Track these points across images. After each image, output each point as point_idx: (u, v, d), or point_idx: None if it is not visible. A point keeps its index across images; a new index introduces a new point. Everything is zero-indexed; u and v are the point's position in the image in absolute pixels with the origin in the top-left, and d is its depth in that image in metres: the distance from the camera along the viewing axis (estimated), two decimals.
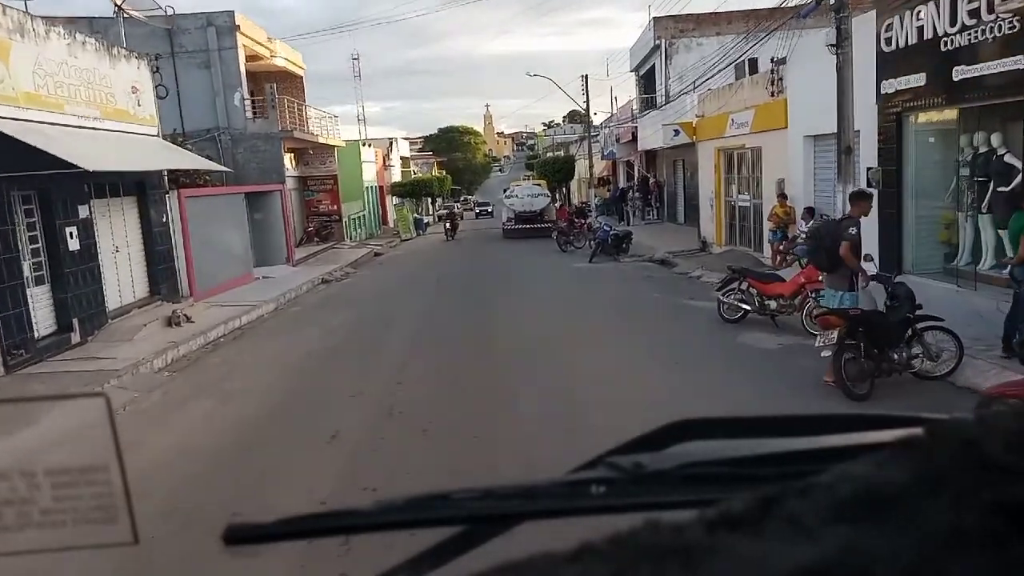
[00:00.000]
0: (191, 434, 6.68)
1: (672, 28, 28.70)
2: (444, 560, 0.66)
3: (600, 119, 42.03)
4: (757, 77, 16.58)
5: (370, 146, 38.97)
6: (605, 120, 41.42)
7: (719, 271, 14.05)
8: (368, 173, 35.39)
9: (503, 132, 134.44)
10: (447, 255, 24.50)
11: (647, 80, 32.14)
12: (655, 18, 28.93)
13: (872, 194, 7.56)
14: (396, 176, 45.83)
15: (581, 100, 33.26)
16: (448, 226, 30.85)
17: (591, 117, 35.61)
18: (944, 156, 10.63)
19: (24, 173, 9.81)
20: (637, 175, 33.15)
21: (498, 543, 0.65)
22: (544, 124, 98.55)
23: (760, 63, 17.19)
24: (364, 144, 37.71)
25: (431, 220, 40.70)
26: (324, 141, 27.54)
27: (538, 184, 31.03)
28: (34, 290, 10.46)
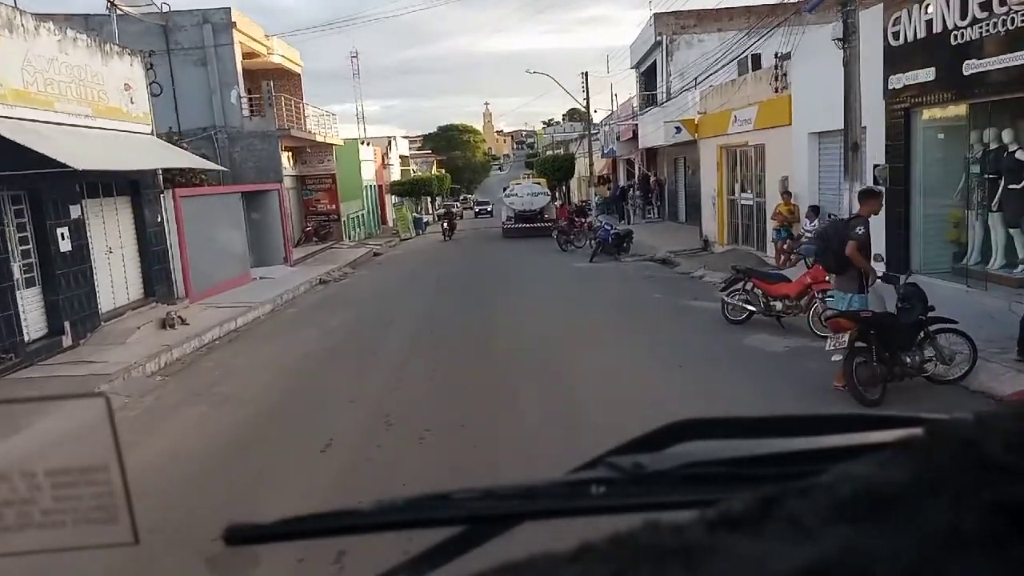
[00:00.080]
0: (180, 441, 6.47)
1: (673, 24, 28.56)
2: (444, 560, 0.67)
3: (600, 117, 41.83)
4: (760, 73, 16.35)
5: (369, 145, 38.78)
6: (605, 118, 41.19)
7: (722, 271, 13.84)
8: (367, 172, 35.18)
9: (502, 130, 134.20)
10: (446, 255, 24.30)
11: (648, 77, 31.93)
12: (656, 14, 28.75)
13: (881, 192, 7.33)
14: (395, 175, 45.64)
15: (581, 98, 33.05)
16: (446, 226, 30.37)
17: (591, 115, 35.39)
18: (953, 153, 10.40)
19: (13, 172, 9.60)
20: (638, 173, 32.92)
21: (498, 543, 0.65)
22: (544, 122, 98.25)
23: (763, 59, 16.97)
24: (363, 143, 37.52)
25: (431, 219, 40.42)
26: (322, 139, 27.35)
27: (538, 183, 30.79)
28: (24, 292, 10.25)
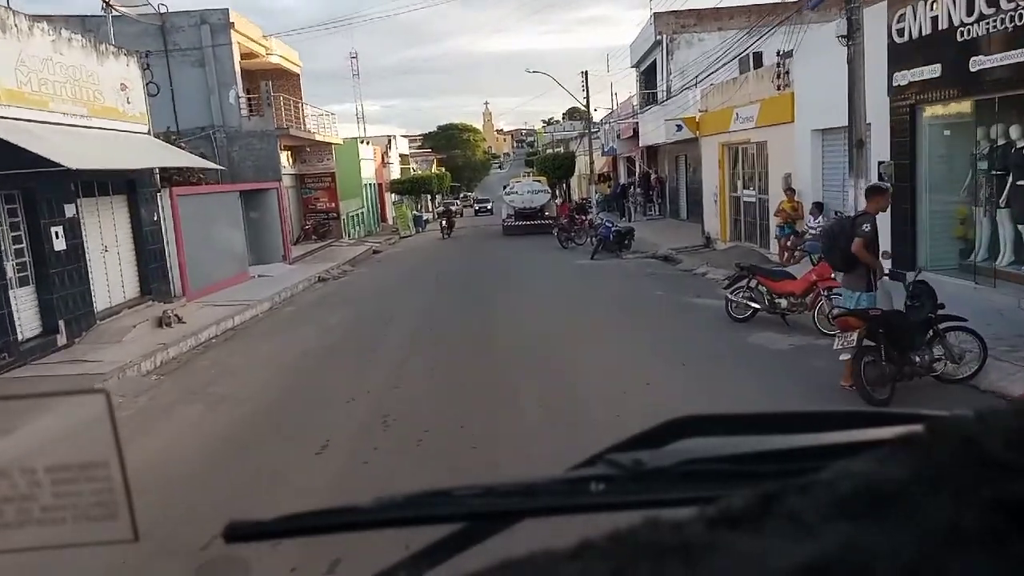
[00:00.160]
0: (174, 443, 6.34)
1: (673, 23, 28.46)
2: (444, 558, 0.66)
3: (600, 115, 41.70)
4: (762, 71, 16.22)
5: (368, 144, 38.65)
6: (606, 116, 41.07)
7: (724, 268, 13.71)
8: (366, 171, 35.06)
9: (502, 129, 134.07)
10: (446, 252, 24.17)
11: (648, 76, 31.82)
12: (656, 13, 28.65)
13: (889, 189, 7.19)
14: (395, 173, 45.54)
15: (581, 96, 32.89)
16: (444, 224, 30.05)
17: (591, 113, 35.24)
18: (959, 149, 10.26)
19: (7, 172, 9.49)
20: (638, 171, 32.80)
21: (498, 540, 0.65)
22: (543, 121, 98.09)
23: (765, 57, 16.84)
24: (362, 142, 37.39)
25: (430, 217, 40.28)
26: (321, 138, 27.24)
27: (538, 181, 30.65)
28: (18, 291, 10.14)
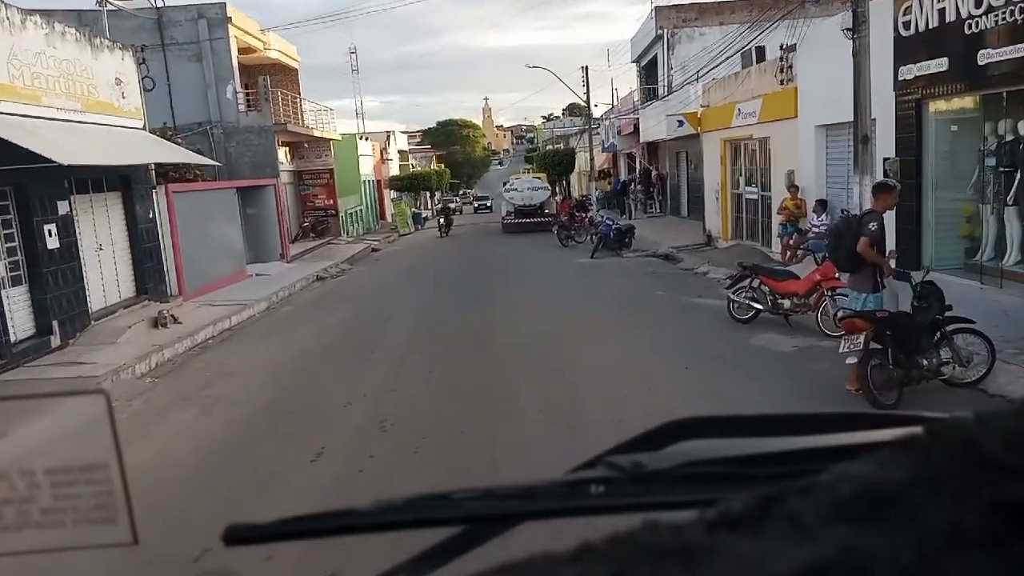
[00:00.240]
0: (165, 449, 6.19)
1: (674, 18, 28.29)
2: (443, 561, 0.66)
3: (600, 111, 41.48)
4: (765, 65, 16.03)
5: (367, 140, 38.45)
6: (606, 112, 40.87)
7: (726, 267, 13.56)
8: (365, 167, 34.87)
9: (502, 125, 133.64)
10: (445, 250, 24.01)
11: (648, 71, 31.64)
12: (657, 8, 28.47)
13: (897, 186, 7.02)
14: (394, 170, 45.34)
15: (581, 92, 32.71)
16: (442, 221, 29.44)
17: (591, 109, 35.05)
18: (966, 145, 10.09)
19: None
20: (639, 167, 32.62)
21: (498, 543, 0.64)
22: (543, 117, 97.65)
23: (768, 51, 16.66)
24: (361, 138, 37.19)
25: (430, 214, 40.07)
26: (319, 134, 27.06)
27: (538, 177, 30.47)
28: (10, 291, 9.98)
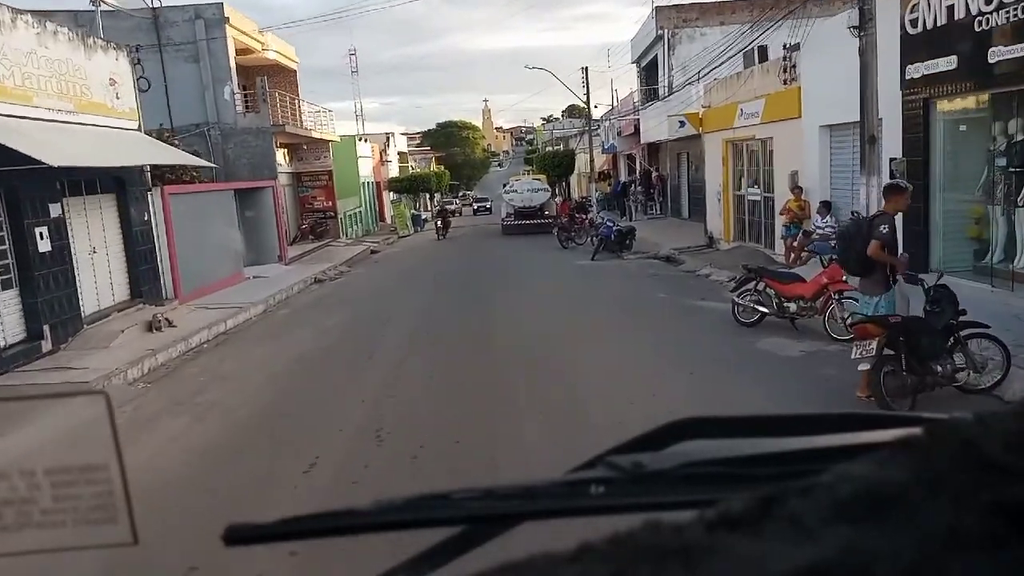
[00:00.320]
0: (154, 458, 5.98)
1: (675, 18, 28.13)
2: (443, 561, 0.66)
3: (600, 113, 41.31)
4: (768, 65, 15.84)
5: (367, 141, 38.26)
6: (606, 113, 40.69)
7: (729, 269, 13.37)
8: (364, 169, 34.68)
9: (501, 127, 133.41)
10: (445, 252, 23.82)
11: (649, 72, 31.47)
12: (657, 8, 28.30)
13: (908, 188, 6.82)
14: (394, 172, 45.15)
15: (581, 93, 32.52)
16: (440, 224, 29.11)
17: (591, 110, 34.87)
18: (975, 145, 9.88)
19: None
20: (639, 168, 32.43)
21: (498, 543, 0.64)
22: (543, 119, 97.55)
23: (770, 51, 16.47)
24: (361, 139, 37.00)
25: (429, 216, 39.88)
26: (318, 136, 26.87)
27: (538, 179, 30.28)
28: (1, 295, 9.79)
